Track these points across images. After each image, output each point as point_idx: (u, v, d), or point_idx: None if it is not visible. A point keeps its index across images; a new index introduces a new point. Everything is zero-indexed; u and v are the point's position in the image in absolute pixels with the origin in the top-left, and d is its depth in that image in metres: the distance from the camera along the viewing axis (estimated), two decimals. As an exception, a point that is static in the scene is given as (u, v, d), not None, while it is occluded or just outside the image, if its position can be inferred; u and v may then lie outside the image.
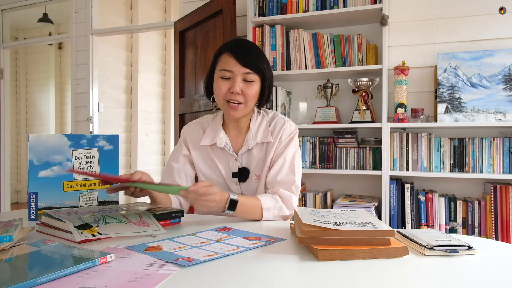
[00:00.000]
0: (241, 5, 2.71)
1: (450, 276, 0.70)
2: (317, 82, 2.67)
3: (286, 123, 1.33)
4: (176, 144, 1.43)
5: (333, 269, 0.72)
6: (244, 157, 1.32)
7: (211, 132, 1.34)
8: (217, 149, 1.33)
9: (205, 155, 1.35)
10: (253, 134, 1.31)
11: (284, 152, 1.29)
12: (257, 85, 1.25)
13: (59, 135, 1.23)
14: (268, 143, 1.31)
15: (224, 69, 1.23)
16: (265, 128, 1.32)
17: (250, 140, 1.30)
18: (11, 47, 4.44)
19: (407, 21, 2.47)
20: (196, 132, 1.37)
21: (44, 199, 1.18)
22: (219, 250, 0.82)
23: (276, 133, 1.31)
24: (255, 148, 1.31)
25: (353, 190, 2.63)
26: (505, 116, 2.16)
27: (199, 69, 2.82)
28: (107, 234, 0.90)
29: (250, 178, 1.31)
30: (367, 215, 0.91)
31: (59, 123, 6.17)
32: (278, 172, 1.27)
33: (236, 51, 1.22)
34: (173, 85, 3.30)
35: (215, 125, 1.35)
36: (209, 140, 1.33)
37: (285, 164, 1.28)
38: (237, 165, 1.31)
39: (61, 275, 0.65)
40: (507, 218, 2.13)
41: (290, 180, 1.27)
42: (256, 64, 1.23)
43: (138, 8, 4.79)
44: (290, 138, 1.31)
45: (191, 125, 1.41)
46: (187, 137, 1.38)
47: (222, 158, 1.33)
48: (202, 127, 1.38)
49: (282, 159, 1.28)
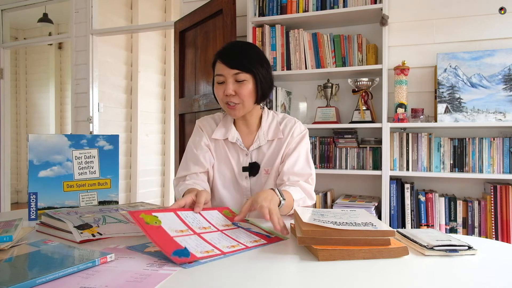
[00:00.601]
0: (241, 5, 2.71)
1: (450, 276, 0.70)
2: (317, 82, 2.67)
3: (297, 123, 1.40)
4: (191, 136, 1.45)
5: (333, 269, 0.72)
6: (254, 153, 1.37)
7: (222, 128, 1.39)
8: (228, 144, 1.38)
9: (218, 148, 1.39)
10: (264, 131, 1.37)
11: (298, 147, 1.35)
12: (250, 84, 1.28)
13: (59, 135, 1.23)
14: (279, 139, 1.36)
15: (217, 75, 1.29)
16: (275, 127, 1.38)
17: (261, 137, 1.36)
18: (11, 47, 4.43)
19: (407, 21, 2.47)
20: (209, 126, 1.42)
21: (44, 199, 1.18)
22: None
23: (287, 130, 1.37)
24: (265, 145, 1.37)
25: (353, 190, 2.63)
26: (505, 116, 2.16)
27: (199, 69, 2.82)
28: (107, 234, 0.90)
29: (260, 173, 1.36)
30: (367, 215, 0.91)
31: (59, 123, 6.17)
32: (294, 164, 1.32)
33: (224, 55, 1.29)
34: (173, 85, 3.29)
35: (226, 122, 1.40)
36: (221, 134, 1.38)
37: (301, 157, 1.34)
38: (247, 160, 1.36)
39: (61, 275, 0.65)
40: (507, 218, 2.13)
41: (307, 172, 1.33)
42: (243, 63, 1.27)
43: (138, 8, 4.79)
44: (302, 136, 1.38)
45: (206, 118, 1.46)
46: (203, 128, 1.41)
47: (233, 153, 1.38)
48: (215, 122, 1.43)
49: (297, 152, 1.34)
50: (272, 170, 1.35)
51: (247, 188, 1.36)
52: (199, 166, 1.35)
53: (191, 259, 0.73)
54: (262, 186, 1.35)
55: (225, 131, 1.38)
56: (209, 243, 0.83)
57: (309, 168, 1.35)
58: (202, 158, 1.35)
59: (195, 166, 1.35)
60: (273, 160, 1.35)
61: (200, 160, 1.35)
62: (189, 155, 1.39)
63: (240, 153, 1.37)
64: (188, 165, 1.37)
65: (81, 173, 1.23)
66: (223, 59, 1.28)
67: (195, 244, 0.80)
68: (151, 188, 4.96)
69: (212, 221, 0.96)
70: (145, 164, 5.00)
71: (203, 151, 1.37)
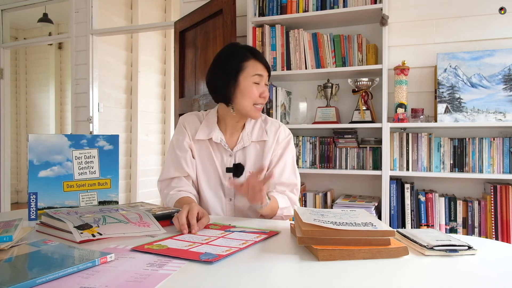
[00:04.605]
0: (241, 5, 2.71)
1: (450, 276, 0.70)
2: (317, 82, 2.67)
3: (281, 126, 1.40)
4: (174, 133, 1.44)
5: (333, 269, 0.72)
6: (239, 154, 1.35)
7: (205, 128, 1.37)
8: (212, 144, 1.36)
9: (202, 148, 1.37)
10: (248, 132, 1.36)
11: (284, 154, 1.35)
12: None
13: (59, 135, 1.23)
14: (264, 142, 1.36)
15: (258, 74, 1.29)
16: (259, 128, 1.38)
17: (245, 138, 1.35)
18: (11, 47, 4.43)
19: (407, 21, 2.47)
20: (194, 124, 1.39)
21: (44, 199, 1.18)
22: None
23: (272, 133, 1.36)
24: (250, 146, 1.36)
25: (353, 190, 2.63)
26: (505, 116, 2.16)
27: (199, 69, 2.82)
28: (107, 234, 0.90)
29: (244, 175, 1.34)
30: (367, 215, 0.91)
31: (59, 123, 6.17)
32: (281, 174, 1.33)
33: (259, 56, 1.31)
34: (173, 85, 3.29)
35: (208, 122, 1.38)
36: (204, 135, 1.36)
37: (287, 166, 1.35)
38: (231, 161, 1.35)
39: (61, 275, 0.65)
40: (507, 218, 2.13)
41: (293, 182, 1.35)
42: (270, 69, 1.34)
43: (138, 8, 4.79)
44: (287, 141, 1.38)
45: (190, 115, 1.43)
46: (187, 126, 1.39)
47: (217, 153, 1.36)
48: (199, 120, 1.40)
49: (284, 160, 1.34)
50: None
51: (230, 189, 1.34)
52: (180, 171, 1.34)
53: (218, 258, 0.75)
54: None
55: (209, 131, 1.36)
56: (222, 246, 0.84)
57: (295, 178, 1.36)
58: (184, 162, 1.34)
59: (176, 171, 1.34)
60: (258, 163, 1.34)
61: (182, 164, 1.33)
62: (171, 157, 1.37)
63: (224, 153, 1.35)
64: (170, 169, 1.35)
65: (81, 173, 1.23)
66: (262, 60, 1.30)
67: (211, 249, 0.81)
68: (151, 188, 4.95)
69: (209, 234, 0.97)
70: (145, 164, 5.00)
71: (184, 153, 1.34)
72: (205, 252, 0.78)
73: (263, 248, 0.85)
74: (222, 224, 1.08)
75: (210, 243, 0.87)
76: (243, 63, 1.29)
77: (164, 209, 1.14)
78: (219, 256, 0.76)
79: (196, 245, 0.85)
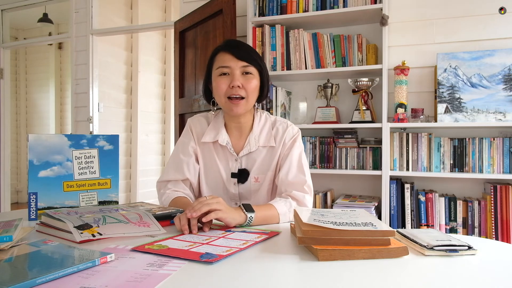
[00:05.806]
0: (241, 5, 2.71)
1: (450, 276, 0.70)
2: (317, 82, 2.67)
3: (289, 126, 1.33)
4: (181, 135, 1.41)
5: (333, 269, 0.72)
6: (244, 159, 1.31)
7: (212, 130, 1.33)
8: (218, 147, 1.33)
9: (207, 152, 1.34)
10: (255, 136, 1.31)
11: (290, 154, 1.29)
12: (256, 79, 1.25)
13: (59, 135, 1.23)
14: (272, 147, 1.31)
15: (221, 66, 1.24)
16: (268, 132, 1.32)
17: (252, 142, 1.30)
18: (11, 47, 4.43)
19: (407, 21, 2.47)
20: (200, 127, 1.36)
21: (44, 199, 1.18)
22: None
23: (279, 137, 1.31)
24: (256, 151, 1.31)
25: (353, 190, 2.62)
26: (505, 116, 2.16)
27: (199, 69, 2.82)
28: (107, 234, 0.90)
29: (249, 180, 1.30)
30: (367, 215, 0.91)
31: (59, 123, 6.17)
32: (287, 173, 1.27)
33: (230, 47, 1.25)
34: (173, 85, 3.29)
35: (216, 124, 1.35)
36: (210, 137, 1.32)
37: (293, 165, 1.28)
38: (237, 166, 1.31)
39: (61, 275, 0.65)
40: (507, 218, 2.13)
41: (301, 180, 1.27)
42: (252, 56, 1.24)
43: (138, 8, 4.79)
44: (293, 140, 1.31)
45: (198, 117, 1.40)
46: (193, 129, 1.36)
47: (222, 158, 1.32)
48: (207, 122, 1.37)
49: (289, 160, 1.28)
50: (264, 180, 1.30)
51: (235, 194, 1.31)
52: (180, 175, 1.32)
53: (218, 258, 0.75)
54: (251, 193, 1.31)
55: (215, 133, 1.32)
56: (222, 246, 0.84)
57: (303, 175, 1.27)
58: (185, 166, 1.31)
59: (176, 174, 1.32)
60: (264, 169, 1.30)
61: (183, 168, 1.31)
62: (174, 160, 1.35)
63: (230, 157, 1.31)
64: (170, 172, 1.34)
65: (81, 173, 1.23)
66: (231, 50, 1.23)
67: (212, 249, 0.81)
68: (151, 188, 4.95)
69: (209, 234, 0.97)
70: (145, 164, 5.00)
71: (187, 158, 1.32)
72: (205, 252, 0.78)
73: (263, 248, 0.85)
74: (223, 224, 1.07)
75: (211, 243, 0.87)
76: (214, 58, 1.27)
77: (164, 209, 1.14)
78: (219, 256, 0.76)
79: (197, 245, 0.85)
